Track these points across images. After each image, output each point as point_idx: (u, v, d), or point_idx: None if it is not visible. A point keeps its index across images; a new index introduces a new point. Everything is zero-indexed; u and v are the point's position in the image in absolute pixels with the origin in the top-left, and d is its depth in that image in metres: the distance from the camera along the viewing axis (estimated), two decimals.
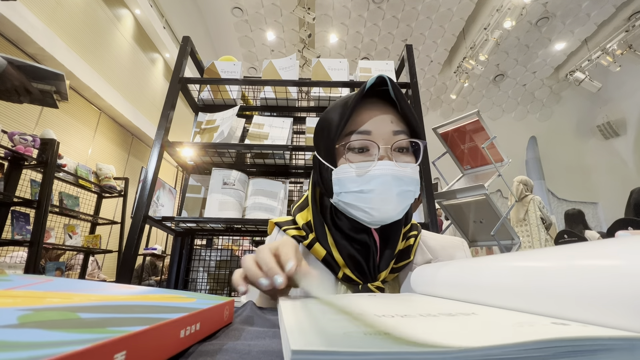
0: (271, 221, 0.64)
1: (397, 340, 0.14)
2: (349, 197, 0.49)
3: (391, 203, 0.47)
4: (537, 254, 0.22)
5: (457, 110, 8.55)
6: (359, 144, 0.49)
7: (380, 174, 0.46)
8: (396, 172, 0.47)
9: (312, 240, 0.55)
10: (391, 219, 0.49)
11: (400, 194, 0.47)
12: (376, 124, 0.49)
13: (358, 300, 0.31)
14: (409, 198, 0.49)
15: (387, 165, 0.47)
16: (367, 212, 0.48)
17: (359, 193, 0.47)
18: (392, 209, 0.47)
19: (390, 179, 0.46)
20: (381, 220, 0.49)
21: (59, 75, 1.23)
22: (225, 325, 0.29)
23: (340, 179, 0.49)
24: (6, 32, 3.02)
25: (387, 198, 0.47)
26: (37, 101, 1.22)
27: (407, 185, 0.48)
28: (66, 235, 2.65)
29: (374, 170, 0.47)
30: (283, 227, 0.60)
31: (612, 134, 8.09)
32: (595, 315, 0.16)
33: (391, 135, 0.49)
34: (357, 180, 0.47)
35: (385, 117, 0.50)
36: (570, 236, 2.95)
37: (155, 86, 5.56)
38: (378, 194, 0.46)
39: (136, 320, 0.17)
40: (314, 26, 6.22)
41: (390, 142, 0.49)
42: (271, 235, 0.63)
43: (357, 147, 0.49)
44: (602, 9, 6.04)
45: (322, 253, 0.53)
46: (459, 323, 0.18)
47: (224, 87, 1.59)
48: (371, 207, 0.47)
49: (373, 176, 0.47)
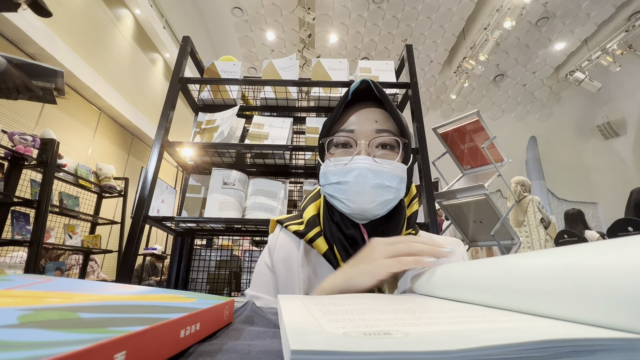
0: (273, 220, 0.66)
1: (397, 340, 0.14)
2: (330, 189, 0.52)
3: (365, 195, 0.49)
4: (536, 254, 0.22)
5: (457, 110, 8.55)
6: (341, 140, 0.54)
7: (356, 167, 0.49)
8: (372, 166, 0.49)
9: (316, 234, 0.56)
10: (369, 212, 0.50)
11: (375, 187, 0.49)
12: (360, 123, 0.53)
13: (358, 301, 0.31)
14: (387, 193, 0.50)
15: (364, 159, 0.50)
16: (344, 203, 0.51)
17: (337, 184, 0.51)
18: (366, 201, 0.49)
19: (364, 172, 0.49)
20: (359, 212, 0.50)
21: (58, 72, 1.23)
22: (225, 325, 0.29)
23: (324, 172, 0.53)
24: (6, 32, 3.02)
25: (362, 190, 0.49)
26: (36, 98, 1.22)
27: (383, 179, 0.49)
28: (66, 235, 2.65)
29: (350, 164, 0.50)
30: (285, 223, 0.62)
31: (612, 134, 8.09)
32: (596, 316, 0.16)
33: (373, 132, 0.52)
34: (337, 173, 0.51)
35: (370, 117, 0.53)
36: (570, 236, 2.95)
37: (155, 86, 5.56)
38: (352, 186, 0.49)
39: (136, 320, 0.17)
40: (314, 26, 6.22)
41: (371, 138, 0.52)
42: (273, 234, 0.64)
43: (340, 142, 0.54)
44: (602, 9, 6.04)
45: (323, 248, 0.55)
46: (458, 323, 0.18)
47: (224, 87, 1.59)
48: (347, 198, 0.50)
49: (349, 169, 0.50)
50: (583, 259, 0.18)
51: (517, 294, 0.22)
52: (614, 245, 0.17)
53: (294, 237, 0.60)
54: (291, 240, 0.60)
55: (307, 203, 0.64)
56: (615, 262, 0.16)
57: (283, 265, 0.58)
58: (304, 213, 0.61)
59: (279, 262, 0.59)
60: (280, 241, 0.61)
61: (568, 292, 0.18)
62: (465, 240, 2.46)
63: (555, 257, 0.21)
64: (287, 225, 0.61)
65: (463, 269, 0.31)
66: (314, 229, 0.57)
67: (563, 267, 0.19)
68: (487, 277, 0.26)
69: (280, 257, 0.59)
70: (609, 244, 0.18)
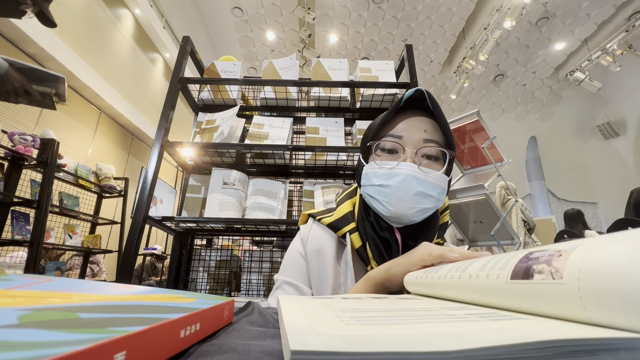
0: (304, 213, 0.67)
1: (397, 341, 0.14)
2: (371, 190, 0.54)
3: (406, 201, 0.50)
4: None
5: (457, 110, 8.55)
6: (389, 145, 0.55)
7: (400, 172, 0.51)
8: (416, 174, 0.50)
9: (351, 229, 0.58)
10: (407, 217, 0.52)
11: (417, 194, 0.50)
12: (409, 130, 0.54)
13: (359, 301, 0.31)
14: (427, 202, 0.51)
15: (409, 166, 0.51)
16: (383, 205, 0.52)
17: (379, 187, 0.52)
18: (406, 206, 0.51)
19: (409, 178, 0.50)
20: (397, 216, 0.52)
21: (60, 78, 1.23)
22: (225, 325, 0.29)
23: (367, 173, 0.55)
24: (6, 32, 3.02)
25: (403, 196, 0.50)
26: (35, 102, 1.22)
27: (426, 188, 0.50)
28: (66, 235, 2.65)
29: (395, 169, 0.51)
30: (317, 217, 0.63)
31: (612, 134, 8.09)
32: (596, 316, 0.16)
33: (421, 142, 0.53)
34: (381, 176, 0.52)
35: (419, 126, 0.54)
36: (570, 236, 2.95)
37: (155, 86, 5.56)
38: (395, 190, 0.51)
39: (136, 320, 0.17)
40: (314, 26, 6.22)
41: (419, 147, 0.53)
42: (306, 225, 0.66)
43: (387, 147, 0.55)
44: (602, 9, 6.04)
45: (357, 244, 0.56)
46: (459, 323, 0.18)
47: (224, 87, 1.59)
48: (388, 201, 0.51)
49: (394, 174, 0.51)
50: (582, 258, 0.18)
51: (517, 294, 0.22)
52: (613, 241, 0.17)
53: (327, 231, 0.61)
54: (325, 233, 0.61)
55: (343, 198, 0.65)
56: (616, 262, 0.16)
57: (316, 257, 0.59)
58: (339, 207, 0.62)
59: (312, 253, 0.60)
60: (314, 233, 0.62)
61: (568, 292, 0.18)
62: (465, 240, 2.46)
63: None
64: (321, 218, 0.62)
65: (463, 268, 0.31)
66: (349, 224, 0.58)
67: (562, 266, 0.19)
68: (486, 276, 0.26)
69: (314, 249, 0.60)
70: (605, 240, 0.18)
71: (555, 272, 0.19)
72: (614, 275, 0.16)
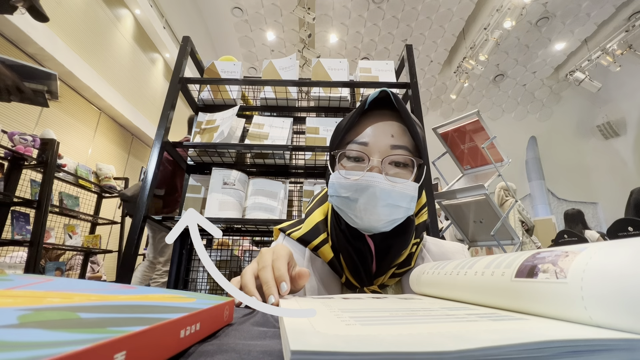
0: (276, 228, 0.64)
1: (397, 341, 0.14)
2: (338, 202, 0.50)
3: (374, 214, 0.47)
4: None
5: (457, 110, 8.55)
6: (354, 154, 0.51)
7: (366, 185, 0.47)
8: (384, 185, 0.47)
9: (321, 242, 0.55)
10: (378, 229, 0.49)
11: (385, 206, 0.47)
12: (375, 137, 0.50)
13: (359, 301, 0.31)
14: (396, 213, 0.48)
15: (375, 177, 0.47)
16: (352, 218, 0.49)
17: (346, 199, 0.49)
18: (375, 219, 0.48)
19: (375, 190, 0.46)
20: (368, 228, 0.49)
21: (51, 75, 1.23)
22: (225, 325, 0.29)
23: (333, 183, 0.50)
24: (6, 32, 3.02)
25: (370, 209, 0.47)
26: (27, 100, 1.22)
27: (394, 200, 0.47)
28: (66, 235, 2.65)
29: (360, 180, 0.47)
30: (287, 231, 0.60)
31: (612, 134, 8.09)
32: (597, 316, 0.16)
33: (388, 148, 0.49)
34: (347, 187, 0.48)
35: (386, 130, 0.50)
36: (570, 236, 2.95)
37: (155, 86, 5.56)
38: (362, 204, 0.47)
39: (136, 320, 0.17)
40: (314, 26, 6.22)
41: (385, 155, 0.49)
42: (277, 241, 0.63)
43: (353, 156, 0.51)
44: (602, 9, 6.04)
45: (329, 256, 0.54)
46: (459, 323, 0.18)
47: (224, 87, 1.59)
48: (355, 215, 0.49)
49: (359, 185, 0.47)
50: (582, 259, 0.18)
51: (517, 294, 0.22)
52: (620, 244, 0.17)
53: (298, 245, 0.59)
54: (295, 249, 0.58)
55: (313, 207, 0.62)
56: (616, 262, 0.16)
57: None
58: (309, 218, 0.60)
59: None
60: None
61: (568, 292, 0.18)
62: (465, 240, 2.46)
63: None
64: (290, 232, 0.59)
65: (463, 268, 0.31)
66: (319, 236, 0.56)
67: (561, 266, 0.19)
68: (486, 276, 0.26)
69: None
70: (614, 243, 0.18)
71: (560, 272, 0.19)
72: (617, 276, 0.16)
